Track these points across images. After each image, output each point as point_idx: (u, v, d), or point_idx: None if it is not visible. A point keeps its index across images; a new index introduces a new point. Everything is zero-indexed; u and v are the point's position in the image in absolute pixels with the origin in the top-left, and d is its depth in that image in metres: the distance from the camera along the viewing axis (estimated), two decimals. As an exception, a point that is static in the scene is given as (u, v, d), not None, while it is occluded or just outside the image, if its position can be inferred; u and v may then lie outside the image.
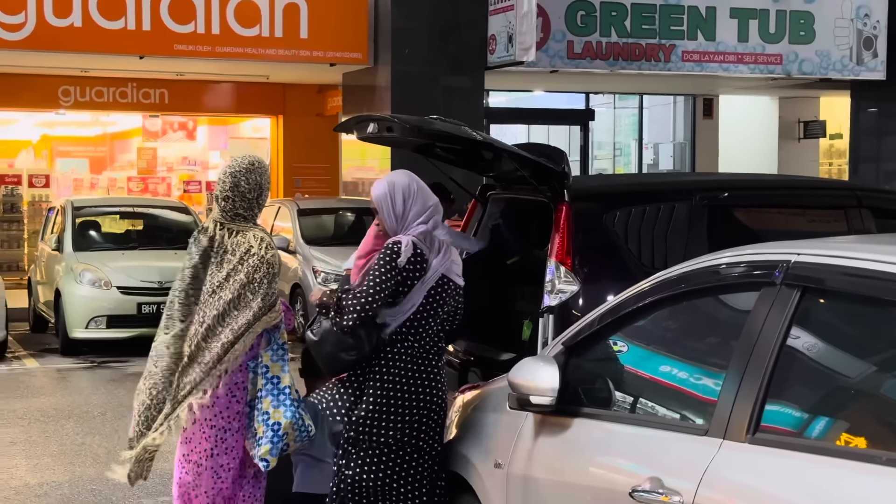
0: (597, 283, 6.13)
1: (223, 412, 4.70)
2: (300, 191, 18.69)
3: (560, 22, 15.34)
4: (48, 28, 13.68)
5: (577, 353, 3.98)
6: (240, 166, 4.78)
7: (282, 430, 4.64)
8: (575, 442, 3.79)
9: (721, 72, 16.31)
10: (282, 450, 4.68)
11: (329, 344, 4.55)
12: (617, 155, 20.86)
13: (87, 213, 13.83)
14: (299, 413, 4.70)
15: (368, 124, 6.67)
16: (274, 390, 4.69)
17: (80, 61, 15.49)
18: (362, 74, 15.66)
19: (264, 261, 4.66)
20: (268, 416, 4.66)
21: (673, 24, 15.86)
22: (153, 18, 14.09)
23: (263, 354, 4.71)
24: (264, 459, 4.65)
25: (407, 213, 4.58)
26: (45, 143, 21.67)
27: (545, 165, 6.22)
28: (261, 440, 4.65)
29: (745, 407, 3.16)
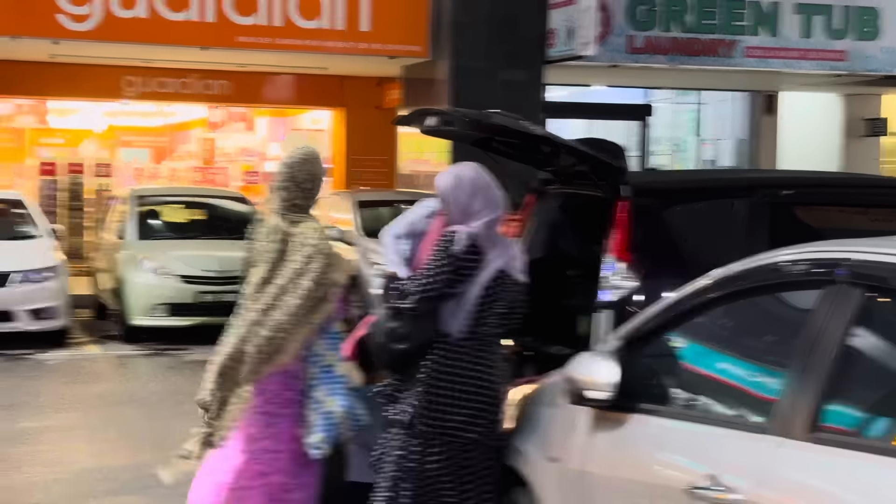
0: (654, 280, 6.10)
1: (273, 399, 4.76)
2: (358, 183, 18.79)
3: (621, 16, 15.25)
4: (114, 19, 13.86)
5: (635, 348, 3.98)
6: (296, 157, 4.85)
7: (335, 418, 4.68)
8: (631, 438, 3.79)
9: (784, 68, 16.12)
10: (335, 438, 4.72)
11: (380, 334, 4.55)
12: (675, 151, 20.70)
13: (148, 202, 14.01)
14: (353, 402, 4.74)
15: (428, 117, 6.70)
16: (328, 379, 4.75)
17: (144, 52, 15.69)
18: (421, 67, 15.69)
19: (321, 252, 4.72)
20: (321, 404, 4.71)
21: (735, 19, 15.69)
22: (216, 10, 14.23)
23: (318, 343, 4.77)
24: (317, 447, 4.70)
25: (471, 206, 4.54)
26: (108, 132, 21.97)
27: (604, 161, 6.21)
28: (315, 428, 4.70)
29: (805, 406, 3.15)
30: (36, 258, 11.92)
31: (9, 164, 19.81)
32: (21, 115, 20.62)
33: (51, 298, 11.71)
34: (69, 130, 21.53)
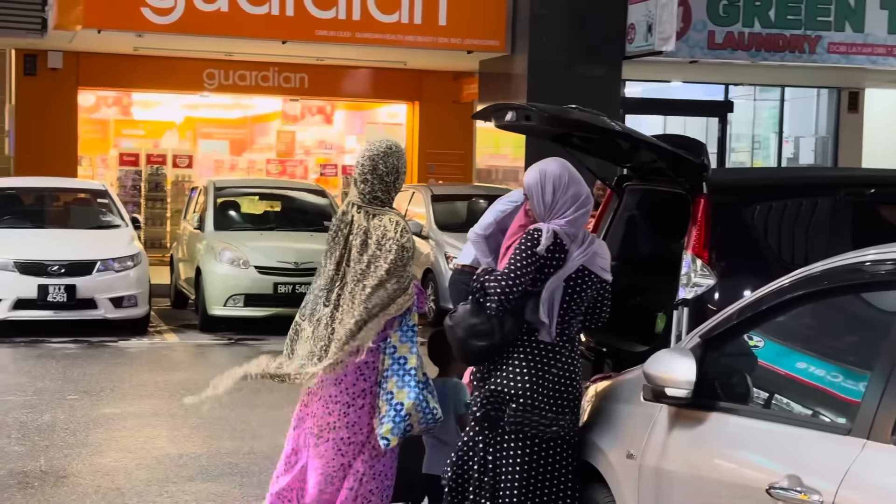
0: (734, 278, 6.05)
1: (349, 389, 4.80)
2: (434, 176, 18.85)
3: (701, 11, 15.11)
4: (196, 13, 14.08)
5: (715, 346, 3.95)
6: (378, 149, 4.87)
7: (404, 410, 4.71)
8: (710, 436, 3.76)
9: (869, 65, 15.84)
10: (404, 430, 4.74)
11: (461, 329, 4.51)
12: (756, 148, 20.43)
13: (227, 193, 14.19)
14: (424, 395, 4.76)
15: (507, 112, 6.69)
16: (400, 371, 4.77)
17: (224, 45, 15.91)
18: (499, 62, 15.69)
19: (400, 245, 4.74)
20: (391, 395, 4.74)
21: (820, 14, 15.45)
22: (296, 4, 14.38)
23: (392, 335, 4.80)
24: (385, 438, 4.74)
25: (556, 202, 4.51)
26: (188, 124, 22.29)
27: (684, 157, 6.16)
28: (383, 419, 4.74)
29: (890, 408, 3.10)
30: (118, 247, 12.15)
31: (93, 154, 20.20)
32: (105, 107, 21.01)
33: (132, 287, 11.93)
34: (151, 122, 21.89)
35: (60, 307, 11.55)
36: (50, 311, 11.55)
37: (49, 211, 13.61)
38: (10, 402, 8.63)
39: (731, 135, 19.41)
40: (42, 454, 7.22)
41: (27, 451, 7.27)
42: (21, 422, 8.04)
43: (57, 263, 11.57)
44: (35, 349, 11.01)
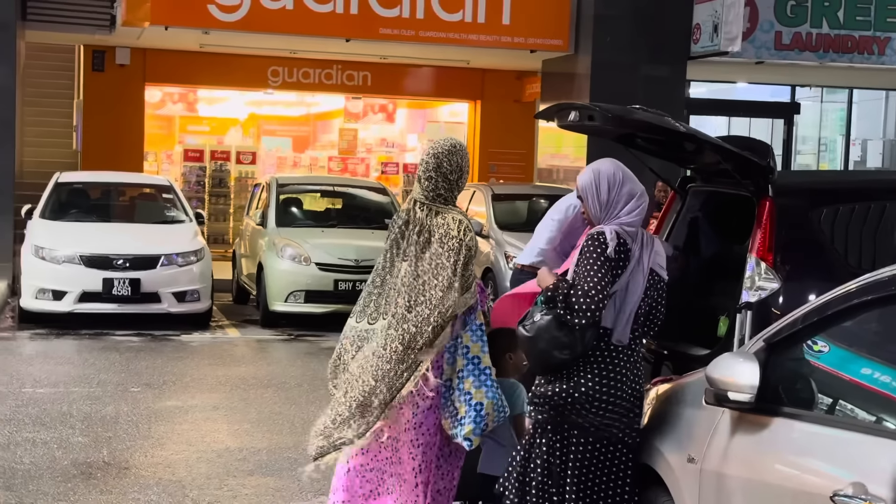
0: (798, 282, 5.98)
1: (420, 390, 4.78)
2: (494, 176, 18.83)
3: (769, 12, 14.94)
4: (262, 10, 14.20)
5: (779, 351, 3.90)
6: (442, 148, 4.86)
7: (484, 409, 4.69)
8: (773, 441, 3.72)
9: (940, 67, 15.57)
10: (483, 429, 4.73)
11: (543, 342, 4.36)
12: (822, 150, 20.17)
13: (290, 190, 14.29)
14: (498, 394, 4.75)
15: (570, 112, 6.67)
16: (475, 370, 4.75)
17: (289, 43, 16.03)
18: (562, 61, 15.64)
19: (463, 244, 4.73)
20: (470, 395, 4.71)
21: (889, 15, 15.21)
22: (360, 3, 14.44)
23: (463, 335, 4.78)
24: (468, 439, 4.70)
25: (612, 203, 4.47)
26: (252, 121, 22.50)
27: (749, 159, 6.10)
28: (463, 420, 4.70)
29: (960, 416, 3.04)
30: (182, 242, 12.28)
31: (158, 150, 20.46)
32: (171, 103, 21.28)
33: (195, 282, 12.05)
34: (215, 118, 22.13)
35: (125, 301, 11.70)
36: (114, 304, 11.71)
37: (115, 205, 13.80)
38: (74, 394, 8.77)
39: (797, 137, 19.18)
40: (105, 445, 7.33)
41: (91, 443, 7.38)
42: (85, 413, 8.16)
43: (122, 257, 11.73)
44: (99, 342, 11.17)
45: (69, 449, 7.21)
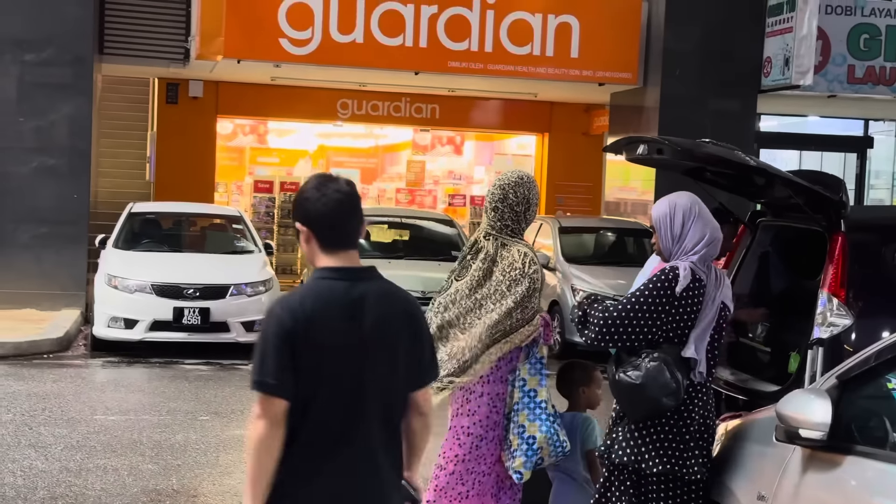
0: (872, 318, 5.89)
1: (482, 421, 4.79)
2: (562, 208, 18.81)
3: (841, 45, 14.79)
4: (332, 44, 14.37)
5: (852, 388, 3.84)
6: (510, 179, 4.89)
7: (536, 443, 4.69)
8: (846, 480, 3.66)
9: None
10: (536, 463, 4.72)
11: (655, 389, 4.22)
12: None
13: (358, 221, 14.35)
14: (554, 428, 4.73)
15: (639, 145, 6.65)
16: (530, 403, 4.75)
17: (359, 76, 16.19)
18: (630, 95, 15.61)
19: (526, 275, 4.74)
20: (523, 429, 4.72)
21: (965, 48, 14.99)
22: (429, 36, 14.56)
23: (521, 368, 4.79)
24: (518, 472, 4.72)
25: (685, 236, 4.41)
26: (321, 152, 22.72)
27: (821, 193, 6.03)
28: (515, 452, 4.71)
29: None
30: (251, 272, 12.40)
31: (229, 181, 20.74)
32: (242, 135, 21.58)
33: (263, 311, 12.09)
34: (285, 150, 22.38)
35: (194, 329, 11.84)
36: (184, 333, 11.84)
37: (186, 235, 13.99)
38: (144, 422, 8.88)
39: (870, 171, 18.90)
40: (174, 473, 7.40)
41: (160, 470, 7.46)
42: (155, 441, 8.26)
43: (192, 287, 11.88)
44: (169, 370, 11.31)
45: (139, 476, 7.29)
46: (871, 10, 14.87)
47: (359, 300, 3.29)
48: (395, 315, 3.34)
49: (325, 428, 3.21)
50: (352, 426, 3.24)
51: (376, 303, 3.30)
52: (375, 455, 3.27)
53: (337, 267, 3.35)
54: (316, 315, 3.23)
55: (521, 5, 14.81)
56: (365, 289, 3.32)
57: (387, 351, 3.29)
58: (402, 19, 14.46)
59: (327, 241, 3.37)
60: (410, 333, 3.36)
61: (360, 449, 3.25)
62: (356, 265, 3.38)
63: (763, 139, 17.49)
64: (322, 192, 3.36)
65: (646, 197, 15.15)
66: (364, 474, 3.25)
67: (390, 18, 14.42)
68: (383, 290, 3.37)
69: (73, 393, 9.92)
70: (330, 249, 3.38)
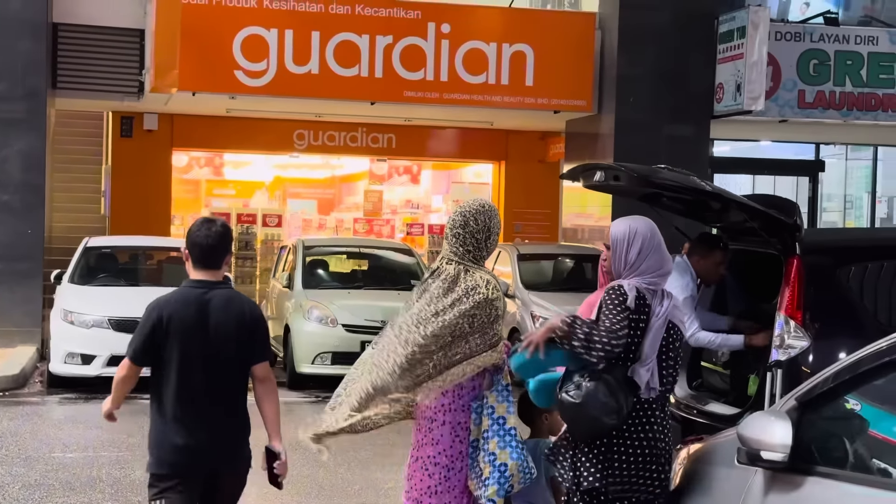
0: (828, 340, 5.96)
1: (447, 450, 4.78)
2: (520, 236, 18.88)
3: (791, 71, 15.01)
4: (287, 75, 14.37)
5: (812, 409, 3.88)
6: (471, 207, 4.91)
7: (508, 471, 4.68)
8: (807, 501, 3.69)
9: (963, 123, 15.56)
10: (507, 491, 4.72)
11: (595, 409, 4.28)
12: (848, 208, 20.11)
13: (316, 252, 14.36)
14: (524, 455, 4.73)
15: (595, 172, 6.71)
16: (500, 431, 4.75)
17: (315, 107, 16.19)
18: (586, 122, 15.73)
19: (489, 301, 4.74)
20: (494, 456, 4.71)
21: (913, 73, 15.26)
22: (385, 66, 14.59)
23: (489, 395, 4.78)
24: (491, 500, 4.69)
25: (638, 264, 4.46)
26: (277, 184, 22.67)
27: (776, 217, 6.11)
28: (487, 481, 4.70)
29: None
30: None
31: (185, 213, 20.63)
32: (197, 167, 21.49)
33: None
34: (241, 182, 22.31)
35: (153, 364, 11.71)
36: (143, 367, 11.72)
37: (142, 269, 13.89)
38: (103, 458, 8.78)
39: (823, 194, 19.14)
40: (134, 509, 7.32)
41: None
42: (115, 477, 8.16)
43: (150, 320, 11.77)
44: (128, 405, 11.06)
45: (98, 513, 7.20)
46: (820, 35, 15.11)
47: (207, 302, 4.72)
48: (233, 313, 4.73)
49: (181, 388, 4.67)
50: (200, 389, 4.67)
51: (220, 304, 4.72)
52: (219, 409, 4.72)
53: (198, 279, 4.80)
54: (175, 311, 4.70)
55: (475, 35, 14.90)
56: (214, 294, 4.75)
57: (225, 338, 4.69)
58: (358, 50, 14.50)
59: (196, 262, 4.82)
60: (243, 325, 4.73)
61: (207, 404, 4.68)
62: (213, 279, 4.80)
63: (717, 164, 17.67)
64: (199, 229, 4.81)
65: (603, 223, 15.25)
66: (210, 420, 4.69)
67: (345, 49, 14.45)
68: (227, 296, 4.79)
69: (30, 431, 9.78)
70: (197, 267, 4.82)
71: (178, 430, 4.65)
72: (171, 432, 4.66)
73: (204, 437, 4.66)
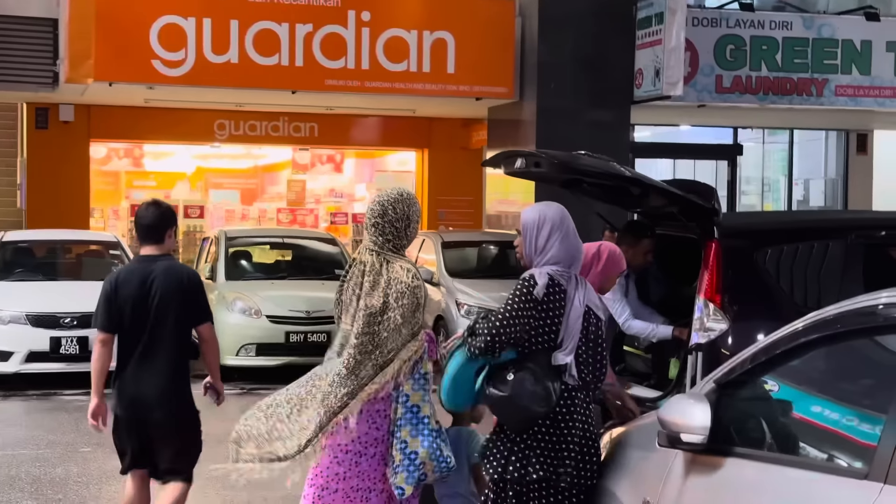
0: (747, 322, 6.05)
1: (361, 438, 4.78)
2: (444, 223, 18.89)
3: (708, 56, 15.20)
4: (206, 64, 14.19)
5: (730, 391, 3.93)
6: (389, 196, 4.91)
7: (418, 459, 4.69)
8: (726, 482, 3.74)
9: (876, 107, 15.88)
10: (419, 479, 4.72)
11: (525, 398, 4.31)
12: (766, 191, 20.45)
13: (239, 243, 14.23)
14: (437, 443, 4.73)
15: (516, 159, 6.73)
16: (413, 419, 4.76)
17: (235, 96, 16.02)
18: (507, 109, 15.77)
19: (410, 289, 4.74)
20: (405, 444, 4.72)
21: (826, 58, 15.54)
22: (306, 55, 14.49)
23: (405, 384, 4.78)
24: (400, 487, 4.72)
25: (548, 250, 4.48)
26: (199, 174, 22.39)
27: (695, 202, 6.18)
28: (398, 468, 4.71)
29: (907, 451, 3.08)
30: (130, 298, 12.16)
31: (105, 206, 20.31)
32: (116, 159, 21.15)
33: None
34: (162, 173, 22.01)
35: (73, 359, 11.54)
36: (62, 363, 11.55)
37: (61, 263, 13.65)
38: (22, 456, 8.61)
39: (741, 178, 19.43)
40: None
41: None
42: (34, 476, 8.02)
43: (69, 315, 11.59)
44: (47, 402, 11.00)
45: (18, 513, 7.07)
46: (736, 21, 15.32)
47: (150, 272, 5.68)
48: (173, 281, 5.68)
49: (133, 347, 5.70)
50: (148, 347, 5.69)
51: (162, 274, 5.66)
52: (166, 364, 5.76)
53: (143, 255, 5.82)
54: (122, 282, 5.73)
55: (396, 22, 14.85)
56: (157, 265, 5.71)
57: (167, 303, 5.66)
58: (277, 38, 14.36)
59: (141, 238, 5.86)
60: (183, 291, 5.72)
61: (155, 359, 5.73)
62: (157, 253, 5.79)
63: (638, 149, 17.85)
64: (141, 210, 5.88)
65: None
66: (155, 374, 5.74)
67: (265, 38, 14.31)
68: (168, 266, 5.74)
69: (-54, 430, 9.58)
70: (143, 243, 5.86)
71: (129, 383, 5.69)
72: (125, 384, 5.68)
73: (148, 389, 5.68)
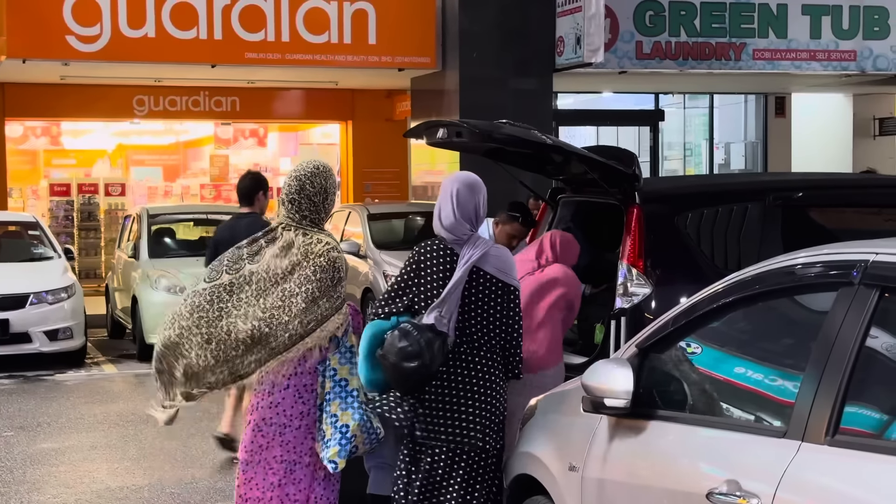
0: (669, 286, 6.11)
1: (287, 411, 4.75)
2: (370, 195, 18.83)
3: (628, 22, 15.28)
4: (123, 39, 13.94)
5: (652, 355, 3.97)
6: (305, 170, 4.85)
7: (350, 432, 4.68)
8: (650, 444, 3.78)
9: (793, 70, 16.11)
10: (350, 452, 4.72)
11: (392, 355, 4.57)
12: (687, 155, 20.68)
13: (161, 220, 14.05)
14: (367, 416, 4.73)
15: (438, 130, 6.70)
16: (342, 393, 4.74)
17: (153, 71, 15.76)
18: (430, 79, 15.72)
19: (331, 262, 4.70)
20: (336, 418, 4.70)
21: (743, 22, 15.71)
22: (224, 27, 14.30)
23: (331, 358, 4.75)
24: (332, 461, 4.70)
25: (443, 214, 4.75)
26: (120, 152, 22.09)
27: (615, 168, 6.21)
28: (329, 442, 4.69)
29: (823, 409, 3.13)
30: (51, 279, 11.96)
31: (23, 185, 19.92)
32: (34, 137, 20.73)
33: (67, 319, 11.74)
34: (81, 151, 21.66)
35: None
36: (-18, 346, 11.33)
37: (-22, 245, 13.36)
38: (-56, 442, 8.45)
39: (664, 143, 19.62)
40: (-22, 494, 7.08)
41: (-37, 492, 7.12)
42: (-44, 462, 7.87)
43: (-13, 298, 11.37)
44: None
45: (-60, 501, 6.94)
46: (655, -14, 15.42)
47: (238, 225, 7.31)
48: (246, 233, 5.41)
49: None
50: None
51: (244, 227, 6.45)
52: None
53: (239, 213, 7.75)
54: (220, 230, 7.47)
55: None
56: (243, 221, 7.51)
57: None
58: (195, 11, 14.15)
59: (239, 200, 7.84)
60: None
61: None
62: (247, 211, 7.80)
63: (561, 117, 17.92)
64: (242, 178, 7.26)
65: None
66: None
67: (182, 11, 14.08)
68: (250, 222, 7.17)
69: None
70: (240, 204, 7.92)
71: None
72: None
73: None
